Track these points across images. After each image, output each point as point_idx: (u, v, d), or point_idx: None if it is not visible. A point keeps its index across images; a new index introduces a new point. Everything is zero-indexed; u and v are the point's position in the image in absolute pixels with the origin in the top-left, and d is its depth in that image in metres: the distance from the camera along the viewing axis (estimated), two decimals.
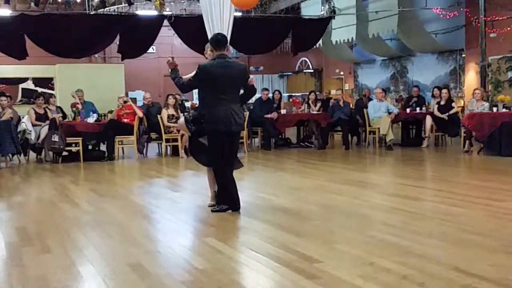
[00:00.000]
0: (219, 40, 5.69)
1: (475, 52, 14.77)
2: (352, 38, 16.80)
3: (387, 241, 4.45)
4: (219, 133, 5.58)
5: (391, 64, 19.51)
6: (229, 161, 5.73)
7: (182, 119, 5.90)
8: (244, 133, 11.96)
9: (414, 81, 17.77)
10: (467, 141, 10.91)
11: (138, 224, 5.43)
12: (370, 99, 13.74)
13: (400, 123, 13.21)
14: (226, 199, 5.71)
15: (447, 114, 12.17)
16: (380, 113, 12.26)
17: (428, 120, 12.33)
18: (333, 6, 15.34)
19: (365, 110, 12.65)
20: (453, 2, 15.82)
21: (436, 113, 12.27)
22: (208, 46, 5.78)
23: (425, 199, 6.46)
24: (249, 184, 8.22)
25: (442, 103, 12.38)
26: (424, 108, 12.86)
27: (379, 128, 12.18)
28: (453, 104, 12.54)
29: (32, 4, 15.03)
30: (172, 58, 5.73)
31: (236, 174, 5.85)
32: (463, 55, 16.29)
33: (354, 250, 4.19)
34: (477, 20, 13.96)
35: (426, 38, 16.22)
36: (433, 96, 13.02)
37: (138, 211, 6.12)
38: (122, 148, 11.91)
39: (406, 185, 7.41)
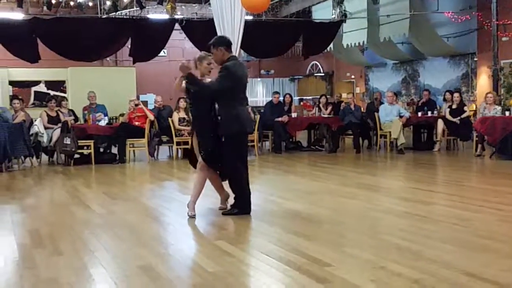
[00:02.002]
0: (230, 42, 5.72)
1: (487, 56, 14.69)
2: (363, 42, 16.77)
3: (398, 245, 4.43)
4: (246, 133, 5.65)
5: (402, 68, 19.45)
6: (245, 163, 5.74)
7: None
8: (255, 136, 11.99)
9: (426, 85, 17.69)
10: (479, 145, 10.85)
11: (149, 227, 5.45)
12: (382, 103, 13.71)
13: (411, 127, 13.16)
14: (242, 203, 5.72)
15: (459, 118, 12.11)
16: (391, 117, 12.22)
17: (440, 124, 12.28)
18: (344, 10, 15.33)
19: (376, 114, 12.61)
20: (465, 6, 15.75)
21: (448, 117, 12.21)
22: (219, 49, 5.61)
23: (436, 203, 6.43)
24: (260, 187, 8.21)
25: (454, 107, 12.32)
26: (435, 112, 12.81)
27: (390, 132, 12.14)
28: (465, 108, 12.46)
29: (45, 7, 15.16)
30: (187, 61, 5.57)
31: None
32: (475, 59, 16.20)
33: (365, 254, 4.18)
34: (489, 24, 13.89)
35: (438, 41, 16.15)
36: (444, 100, 12.96)
37: (149, 214, 6.14)
38: (133, 151, 11.96)
39: (417, 189, 7.38)
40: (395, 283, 3.49)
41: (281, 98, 13.45)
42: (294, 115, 13.15)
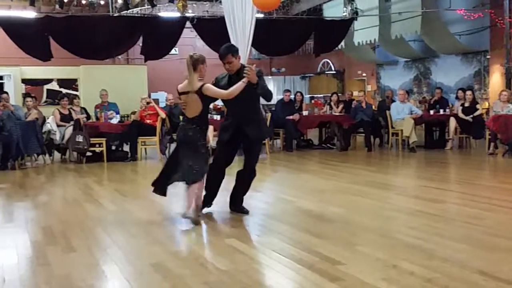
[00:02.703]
0: None
1: (500, 54, 14.58)
2: (374, 39, 16.72)
3: (410, 244, 4.41)
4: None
5: (414, 66, 19.36)
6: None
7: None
8: None
9: (438, 83, 17.59)
10: (492, 144, 10.78)
11: (161, 225, 5.46)
12: (393, 101, 13.65)
13: (423, 125, 13.10)
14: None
15: (471, 116, 12.04)
16: (403, 115, 12.17)
17: (452, 122, 12.21)
18: (355, 7, 15.29)
19: (387, 112, 12.56)
20: (477, 3, 15.64)
21: (460, 115, 12.15)
22: (238, 57, 5.54)
23: (449, 201, 6.40)
24: (271, 185, 8.22)
25: (467, 105, 12.25)
26: (447, 110, 12.74)
27: (402, 130, 12.09)
28: (478, 106, 12.38)
29: (57, 6, 15.24)
30: (252, 66, 5.38)
31: (258, 176, 5.88)
32: (488, 57, 16.09)
33: (377, 252, 4.17)
34: (502, 21, 13.78)
35: (450, 39, 16.05)
36: (457, 98, 12.88)
37: (160, 211, 6.16)
38: (145, 148, 12.00)
39: (429, 187, 7.35)
40: (407, 281, 3.48)
41: (292, 96, 13.44)
42: (305, 113, 13.12)
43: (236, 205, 5.80)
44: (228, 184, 5.91)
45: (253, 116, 5.64)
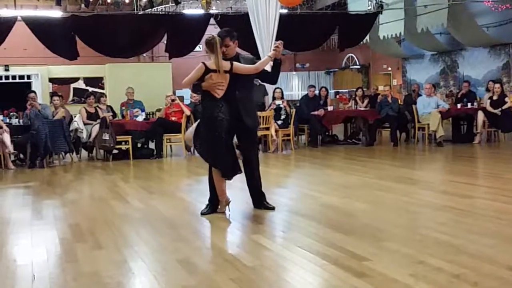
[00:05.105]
0: None
1: None
2: (400, 33, 16.53)
3: (438, 239, 4.36)
4: None
5: (440, 59, 19.12)
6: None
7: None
8: (291, 130, 11.97)
9: (465, 76, 17.36)
10: None
11: (187, 221, 5.48)
12: (420, 95, 13.50)
13: (450, 119, 12.93)
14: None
15: (499, 109, 11.84)
16: (429, 109, 12.02)
17: (480, 116, 12.02)
18: (380, 1, 15.13)
19: (414, 106, 12.42)
20: None
21: (489, 108, 11.96)
22: (236, 42, 5.55)
23: (477, 196, 6.30)
24: (296, 181, 8.21)
25: (495, 98, 12.05)
26: (475, 104, 12.55)
27: (428, 124, 11.94)
28: (506, 99, 12.17)
29: (83, 5, 15.41)
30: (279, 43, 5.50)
31: (283, 172, 5.87)
32: None
33: (404, 248, 4.13)
34: None
35: (477, 31, 15.80)
36: (487, 90, 12.67)
37: (186, 208, 6.19)
38: (170, 146, 12.06)
39: (457, 182, 7.25)
40: (434, 277, 3.44)
41: (316, 92, 13.37)
42: (330, 108, 13.06)
43: (260, 201, 5.79)
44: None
45: (251, 105, 5.77)
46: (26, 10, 16.05)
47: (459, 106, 12.62)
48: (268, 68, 5.97)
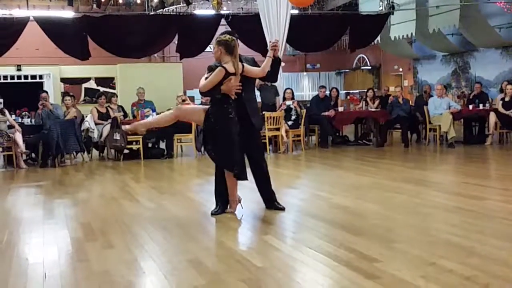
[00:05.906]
0: None
1: None
2: (411, 34, 16.45)
3: (449, 241, 4.34)
4: None
5: (452, 60, 19.00)
6: None
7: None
8: (302, 131, 11.96)
9: (477, 77, 17.24)
10: None
11: (197, 221, 5.49)
12: (431, 96, 13.44)
13: (462, 120, 12.85)
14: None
15: (511, 110, 11.76)
16: (440, 110, 11.97)
17: (492, 117, 11.95)
18: (391, 2, 15.08)
19: (425, 107, 12.37)
20: None
21: (501, 109, 11.88)
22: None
23: (489, 198, 6.26)
24: (306, 182, 8.19)
25: (507, 99, 11.97)
26: (487, 105, 12.47)
27: (440, 125, 11.88)
28: None
29: (94, 5, 15.49)
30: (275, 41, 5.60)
31: (294, 172, 5.86)
32: None
33: (415, 250, 4.11)
34: None
35: (490, 32, 15.69)
36: (501, 90, 12.58)
37: (197, 208, 6.20)
38: (181, 146, 12.10)
39: (468, 183, 7.21)
40: (446, 279, 3.42)
41: (327, 92, 13.35)
42: (340, 109, 13.02)
43: (271, 202, 5.79)
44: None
45: (256, 105, 5.90)
46: (38, 11, 16.15)
47: (470, 107, 12.55)
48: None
